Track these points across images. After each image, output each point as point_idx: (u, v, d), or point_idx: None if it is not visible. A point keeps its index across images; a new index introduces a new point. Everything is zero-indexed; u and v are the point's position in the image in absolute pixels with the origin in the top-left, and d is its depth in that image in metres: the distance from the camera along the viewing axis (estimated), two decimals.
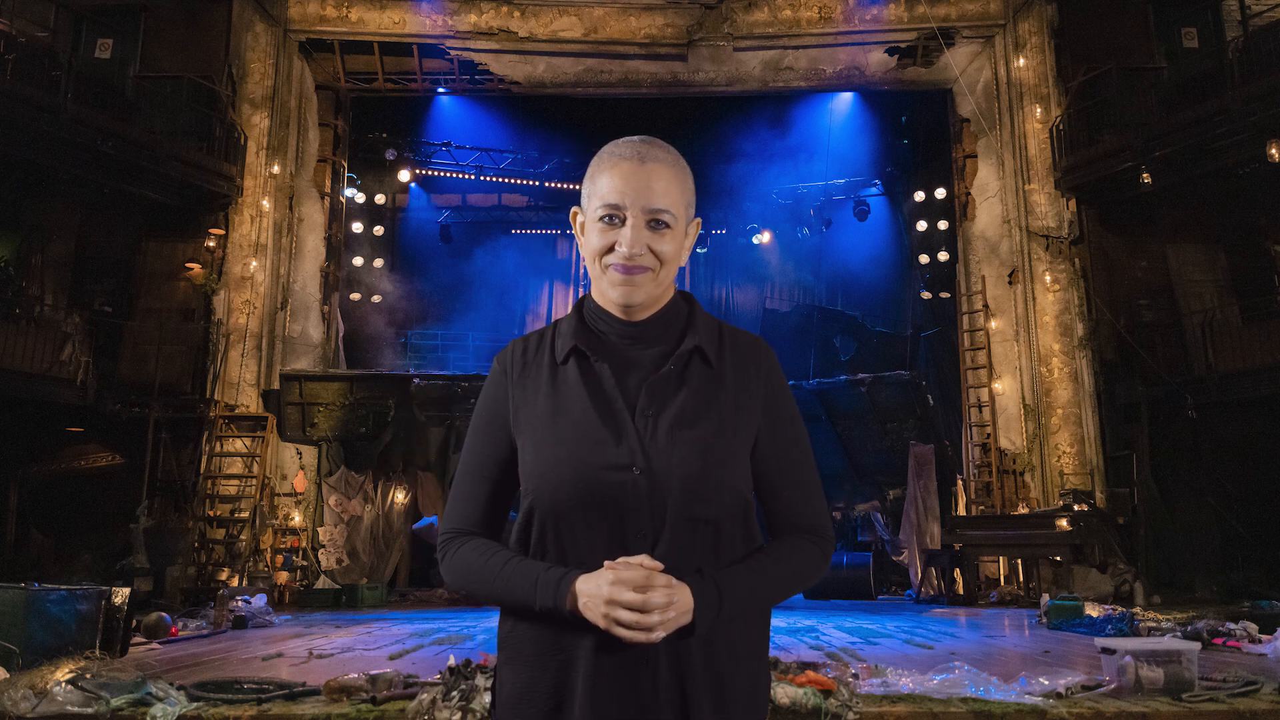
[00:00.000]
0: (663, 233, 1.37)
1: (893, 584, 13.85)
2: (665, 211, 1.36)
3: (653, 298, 1.39)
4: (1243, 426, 11.05)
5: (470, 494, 1.41)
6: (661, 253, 1.36)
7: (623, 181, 1.36)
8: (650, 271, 1.36)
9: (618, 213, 1.35)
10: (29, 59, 10.89)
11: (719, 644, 1.28)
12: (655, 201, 1.36)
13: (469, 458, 1.43)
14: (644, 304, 1.38)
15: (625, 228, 1.35)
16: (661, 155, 1.38)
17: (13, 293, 11.30)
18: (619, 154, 1.39)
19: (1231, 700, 3.83)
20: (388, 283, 17.81)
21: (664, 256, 1.37)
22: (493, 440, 1.40)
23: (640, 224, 1.35)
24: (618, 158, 1.38)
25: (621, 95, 14.70)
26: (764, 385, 1.40)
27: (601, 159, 1.41)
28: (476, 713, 3.64)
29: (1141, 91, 11.98)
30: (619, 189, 1.36)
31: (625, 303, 1.37)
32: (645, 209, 1.35)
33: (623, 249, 1.34)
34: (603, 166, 1.39)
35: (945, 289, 15.83)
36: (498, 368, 1.44)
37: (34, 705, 3.65)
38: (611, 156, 1.39)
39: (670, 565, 1.24)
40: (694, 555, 1.28)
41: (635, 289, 1.36)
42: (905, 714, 3.73)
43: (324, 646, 6.41)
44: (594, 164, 1.42)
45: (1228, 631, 6.30)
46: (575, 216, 1.47)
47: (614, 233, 1.35)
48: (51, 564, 11.23)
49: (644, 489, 1.27)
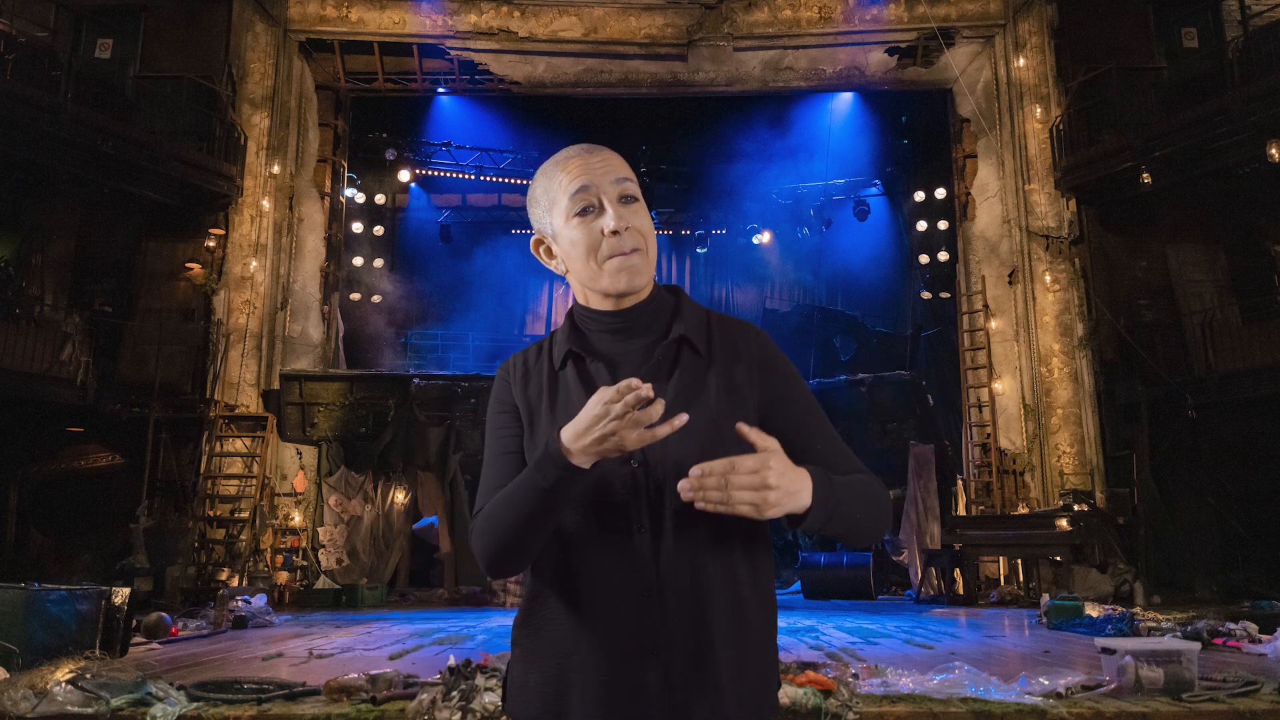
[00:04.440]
0: (635, 207, 1.37)
1: (893, 584, 13.84)
2: (630, 182, 1.38)
3: (648, 278, 1.39)
4: (1243, 426, 11.05)
5: (495, 472, 1.39)
6: (642, 229, 1.37)
7: (581, 168, 1.37)
8: (640, 250, 1.36)
9: (590, 196, 1.35)
10: (29, 59, 10.89)
11: (727, 640, 1.27)
12: (620, 172, 1.37)
13: (490, 445, 1.43)
14: (643, 286, 1.39)
15: (606, 209, 1.35)
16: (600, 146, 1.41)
17: (13, 293, 11.30)
18: (563, 155, 1.41)
19: (1231, 700, 3.83)
20: (388, 283, 17.81)
21: (645, 231, 1.37)
22: (507, 424, 1.41)
23: (614, 200, 1.36)
24: (564, 158, 1.40)
25: (621, 95, 14.70)
26: (756, 365, 1.38)
27: (546, 169, 1.42)
28: (476, 713, 3.64)
29: (1141, 91, 11.98)
30: (583, 173, 1.37)
31: (628, 289, 1.36)
32: (614, 181, 1.36)
33: (611, 224, 1.34)
34: (553, 170, 1.40)
35: (945, 289, 15.83)
36: (501, 375, 1.46)
37: (34, 705, 3.65)
38: (557, 160, 1.41)
39: (678, 555, 1.25)
40: (700, 544, 1.27)
41: (636, 273, 1.35)
42: (905, 714, 3.73)
43: (324, 646, 6.41)
44: (539, 179, 1.43)
45: (1228, 631, 6.29)
46: (538, 244, 1.46)
47: (596, 220, 1.35)
48: (51, 564, 11.23)
49: (643, 481, 1.28)
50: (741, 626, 1.28)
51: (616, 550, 1.26)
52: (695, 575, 1.26)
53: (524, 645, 1.33)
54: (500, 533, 1.28)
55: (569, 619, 1.27)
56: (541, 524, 1.25)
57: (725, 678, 1.25)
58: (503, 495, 1.29)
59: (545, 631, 1.30)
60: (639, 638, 1.23)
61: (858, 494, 1.31)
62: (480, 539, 1.31)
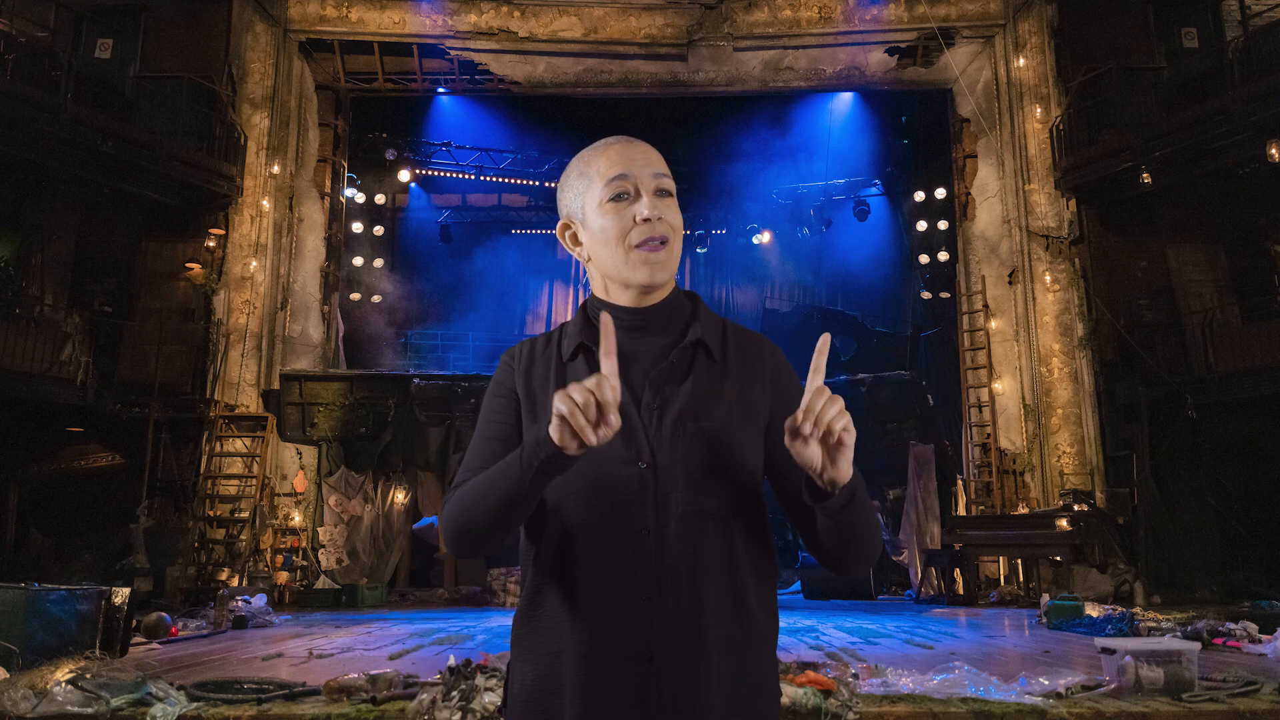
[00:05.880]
0: (669, 202, 1.37)
1: (893, 584, 13.84)
2: (667, 178, 1.37)
3: (672, 273, 1.38)
4: (1243, 426, 11.05)
5: (479, 453, 1.37)
6: (674, 223, 1.36)
7: (622, 156, 1.36)
8: (668, 244, 1.35)
9: (627, 184, 1.34)
10: (29, 59, 10.89)
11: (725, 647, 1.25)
12: (658, 167, 1.37)
13: (479, 427, 1.41)
14: (666, 281, 1.37)
15: (641, 197, 1.34)
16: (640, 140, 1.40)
17: (13, 293, 11.30)
18: (604, 143, 1.40)
19: (1231, 700, 3.83)
20: (388, 283, 17.81)
21: (675, 226, 1.36)
22: (501, 409, 1.39)
23: (650, 191, 1.35)
24: (604, 145, 1.39)
25: (621, 95, 14.70)
26: (770, 378, 1.38)
27: (586, 154, 1.41)
28: (476, 713, 3.64)
29: (1141, 91, 11.98)
30: (622, 162, 1.36)
31: (650, 282, 1.35)
32: (653, 174, 1.36)
33: (645, 211, 1.33)
34: (593, 156, 1.39)
35: (945, 289, 15.83)
36: (505, 360, 1.44)
37: (34, 705, 3.65)
38: (597, 146, 1.40)
39: (680, 559, 1.24)
40: (704, 550, 1.26)
41: (661, 267, 1.34)
42: (905, 714, 3.73)
43: (324, 646, 6.40)
44: (575, 164, 1.41)
45: (1228, 631, 6.29)
46: (565, 229, 1.44)
47: (629, 208, 1.34)
48: (51, 564, 11.23)
49: (650, 482, 1.26)
50: (741, 634, 1.26)
51: (619, 551, 1.24)
52: (696, 580, 1.24)
53: (522, 643, 1.32)
54: (473, 507, 1.26)
55: (567, 617, 1.26)
56: (517, 507, 1.23)
57: (721, 685, 1.22)
58: (485, 475, 1.27)
59: (543, 629, 1.29)
60: (636, 641, 1.22)
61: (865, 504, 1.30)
62: (451, 511, 1.29)
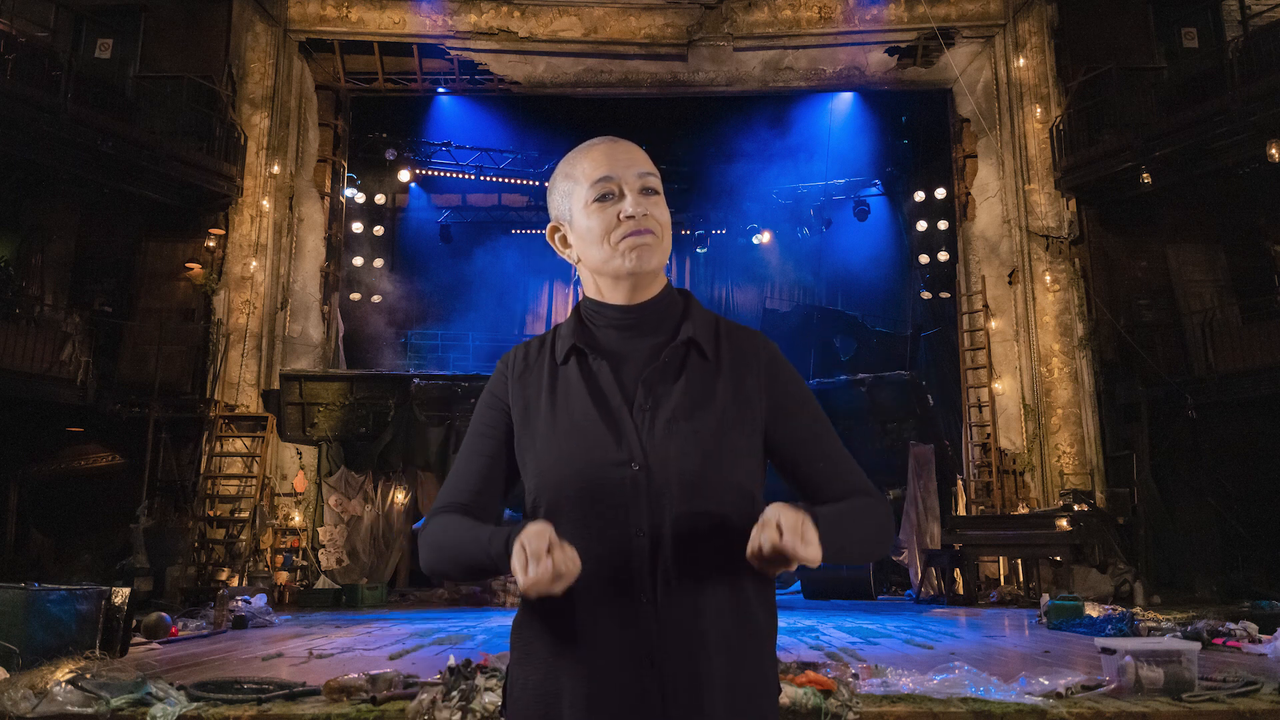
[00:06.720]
0: (655, 199, 1.37)
1: (893, 584, 13.84)
2: (653, 175, 1.38)
3: (660, 267, 1.38)
4: (1243, 426, 11.05)
5: (463, 471, 1.41)
6: (660, 219, 1.37)
7: (606, 157, 1.37)
8: (655, 235, 1.36)
9: (611, 185, 1.35)
10: (29, 59, 10.89)
11: (723, 648, 1.24)
12: (643, 166, 1.37)
13: (467, 440, 1.43)
14: (654, 273, 1.38)
15: (626, 196, 1.35)
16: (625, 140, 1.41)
17: (13, 293, 11.30)
18: (588, 144, 1.41)
19: (1231, 700, 3.83)
20: (388, 283, 17.81)
21: (662, 221, 1.37)
22: (492, 422, 1.41)
23: (635, 190, 1.36)
24: (589, 146, 1.41)
25: (621, 95, 14.70)
26: (765, 374, 1.37)
27: (572, 156, 1.42)
28: (476, 713, 3.64)
29: (1141, 91, 11.97)
30: (606, 162, 1.37)
31: (638, 268, 1.35)
32: (637, 174, 1.36)
33: (629, 209, 1.34)
34: (578, 158, 1.40)
35: (945, 289, 15.83)
36: (500, 367, 1.45)
37: (34, 705, 3.65)
38: (581, 148, 1.41)
39: (675, 561, 1.23)
40: (701, 550, 1.25)
41: (648, 252, 1.34)
42: (905, 714, 3.73)
43: (324, 646, 6.40)
44: (562, 166, 1.43)
45: (1228, 631, 6.29)
46: (554, 231, 1.45)
47: (614, 206, 1.35)
48: (51, 564, 11.23)
49: (643, 484, 1.26)
50: (741, 633, 1.26)
51: (615, 554, 1.24)
52: (693, 583, 1.24)
53: (521, 647, 1.32)
54: (444, 554, 1.33)
55: (565, 621, 1.26)
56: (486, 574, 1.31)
57: (720, 687, 1.22)
58: (459, 531, 1.31)
59: (542, 633, 1.29)
60: (635, 643, 1.22)
61: (860, 521, 1.31)
62: (426, 544, 1.35)
